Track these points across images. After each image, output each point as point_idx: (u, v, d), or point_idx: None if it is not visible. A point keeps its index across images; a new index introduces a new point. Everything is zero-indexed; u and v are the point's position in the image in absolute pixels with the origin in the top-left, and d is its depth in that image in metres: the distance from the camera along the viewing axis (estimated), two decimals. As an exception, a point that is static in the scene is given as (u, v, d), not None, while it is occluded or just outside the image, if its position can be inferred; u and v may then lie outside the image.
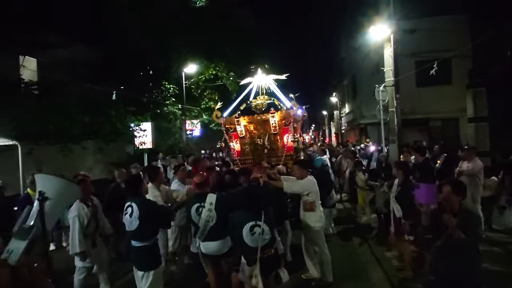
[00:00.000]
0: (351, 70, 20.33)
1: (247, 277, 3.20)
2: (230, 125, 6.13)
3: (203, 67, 14.31)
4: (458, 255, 2.82)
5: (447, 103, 14.41)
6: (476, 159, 6.19)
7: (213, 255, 3.71)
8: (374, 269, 4.94)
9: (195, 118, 15.88)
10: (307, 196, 4.29)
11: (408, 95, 13.43)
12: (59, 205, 2.68)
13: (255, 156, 5.83)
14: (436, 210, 3.02)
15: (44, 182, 2.65)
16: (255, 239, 3.13)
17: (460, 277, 2.85)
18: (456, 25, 14.14)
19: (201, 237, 3.65)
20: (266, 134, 5.85)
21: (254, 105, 5.98)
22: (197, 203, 3.67)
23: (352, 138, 20.57)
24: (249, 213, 3.23)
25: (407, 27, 13.03)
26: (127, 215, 3.33)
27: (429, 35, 13.88)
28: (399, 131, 10.08)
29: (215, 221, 3.55)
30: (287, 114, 5.90)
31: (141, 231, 3.31)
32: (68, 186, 2.75)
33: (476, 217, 3.27)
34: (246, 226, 3.15)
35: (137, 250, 3.38)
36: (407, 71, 12.85)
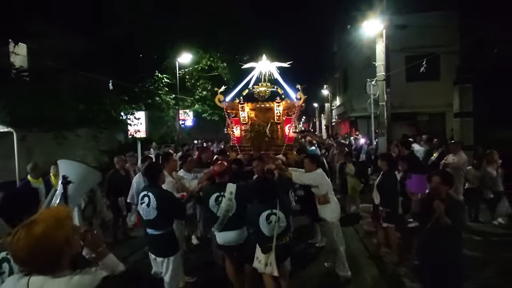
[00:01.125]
0: (343, 64, 20.54)
1: (262, 265, 3.29)
2: (231, 110, 5.97)
3: (198, 57, 14.28)
4: (444, 240, 3.03)
5: (435, 98, 14.81)
6: (461, 153, 6.57)
7: (230, 246, 3.71)
8: (362, 255, 5.24)
9: (188, 108, 15.89)
10: (317, 188, 4.33)
11: (398, 89, 13.73)
12: (80, 189, 2.87)
13: (255, 144, 5.75)
14: (425, 198, 3.25)
15: (67, 167, 2.87)
16: (271, 228, 3.22)
17: (444, 261, 3.08)
18: (446, 21, 14.44)
19: (219, 227, 3.63)
20: (268, 122, 5.73)
21: (257, 92, 5.81)
22: (216, 192, 3.64)
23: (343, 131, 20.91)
24: (264, 202, 3.32)
25: (398, 22, 13.25)
26: (144, 205, 3.39)
27: (420, 30, 14.15)
28: (389, 125, 10.40)
29: (234, 211, 3.56)
30: (291, 104, 5.80)
31: (159, 221, 3.37)
32: (89, 171, 2.94)
33: (462, 205, 3.51)
34: (262, 215, 3.23)
35: (154, 238, 3.44)
36: (397, 66, 13.15)
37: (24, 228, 1.36)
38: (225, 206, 3.53)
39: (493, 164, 6.20)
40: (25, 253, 1.34)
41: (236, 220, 3.59)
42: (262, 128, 5.67)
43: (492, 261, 4.80)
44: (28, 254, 1.34)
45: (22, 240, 1.33)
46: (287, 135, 5.81)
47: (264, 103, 5.76)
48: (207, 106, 15.89)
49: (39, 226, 1.36)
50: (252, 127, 5.77)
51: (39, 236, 1.34)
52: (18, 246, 1.34)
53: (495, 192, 6.26)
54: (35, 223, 1.37)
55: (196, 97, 15.46)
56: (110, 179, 6.10)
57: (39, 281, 1.37)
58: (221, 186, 3.67)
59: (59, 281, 1.37)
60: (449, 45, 13.24)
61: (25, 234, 1.34)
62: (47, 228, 1.36)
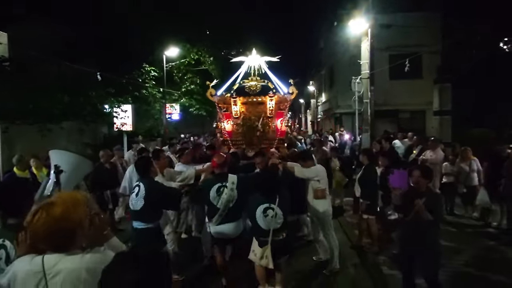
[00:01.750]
0: (329, 61, 20.82)
1: (257, 258, 3.34)
2: (223, 105, 5.95)
3: (186, 51, 14.20)
4: (422, 232, 3.26)
5: (416, 96, 15.29)
6: (439, 150, 6.93)
7: (225, 239, 3.66)
8: (345, 246, 5.47)
9: (175, 102, 15.81)
10: (318, 182, 4.35)
11: (382, 87, 14.11)
12: (73, 178, 2.96)
13: (246, 138, 5.77)
14: (406, 192, 3.45)
15: (59, 157, 2.93)
16: (267, 222, 3.26)
17: (422, 249, 3.32)
18: (429, 21, 14.88)
19: (219, 218, 3.57)
20: (259, 116, 5.74)
21: (248, 86, 5.79)
22: (218, 183, 3.61)
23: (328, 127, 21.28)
24: (264, 195, 3.35)
25: (383, 21, 13.59)
26: (134, 194, 3.36)
27: (403, 30, 14.53)
28: (372, 122, 10.73)
29: (235, 202, 3.55)
30: (283, 98, 5.83)
31: (145, 212, 3.29)
32: (80, 160, 3.06)
33: (440, 198, 3.75)
34: (260, 208, 3.28)
35: (140, 232, 3.32)
36: (381, 64, 13.52)
37: (44, 209, 1.48)
38: (227, 197, 3.52)
39: (466, 160, 6.47)
40: (44, 232, 1.45)
41: (233, 212, 3.59)
42: (254, 122, 5.68)
43: (466, 250, 5.14)
44: (48, 232, 1.45)
45: (42, 220, 1.45)
46: (279, 129, 5.84)
47: (256, 97, 5.77)
48: (194, 100, 15.85)
49: (59, 207, 1.47)
50: (243, 121, 5.78)
51: (58, 217, 1.45)
52: (38, 225, 1.45)
53: (468, 187, 6.56)
54: (55, 204, 1.49)
55: (183, 91, 15.38)
56: (95, 173, 5.96)
57: (54, 258, 1.49)
58: (222, 177, 3.65)
59: (73, 258, 1.49)
60: (431, 45, 13.71)
61: (46, 215, 1.45)
62: (66, 210, 1.48)
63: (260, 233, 3.34)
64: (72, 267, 1.47)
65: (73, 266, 1.47)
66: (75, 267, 1.47)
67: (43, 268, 1.47)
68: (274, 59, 6.14)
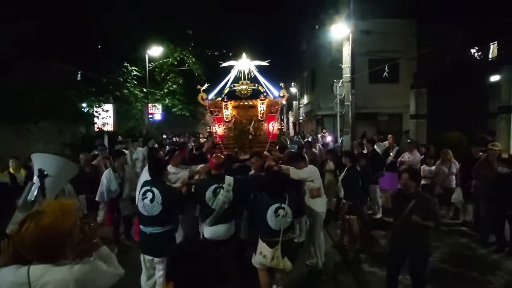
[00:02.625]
0: (311, 63, 21.17)
1: (267, 259, 3.33)
2: (214, 109, 5.92)
3: (169, 51, 14.07)
4: (413, 231, 3.41)
5: (394, 100, 15.85)
6: (416, 152, 7.24)
7: (218, 240, 3.61)
8: (327, 244, 5.63)
9: (157, 102, 15.61)
10: (312, 182, 4.45)
11: (362, 90, 14.49)
12: (58, 182, 2.86)
13: (238, 141, 5.81)
14: (396, 194, 3.62)
15: (42, 160, 2.81)
16: (278, 221, 3.30)
17: (412, 249, 3.48)
18: (405, 28, 15.50)
19: (213, 219, 3.58)
20: (251, 120, 5.76)
21: (239, 90, 5.81)
22: (215, 184, 3.61)
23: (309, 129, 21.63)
24: (274, 195, 3.39)
25: (363, 27, 14.01)
26: (147, 200, 3.28)
27: (383, 36, 15.04)
28: (353, 124, 11.04)
29: (229, 204, 3.57)
30: (274, 102, 5.89)
31: (162, 217, 3.28)
32: (65, 163, 2.96)
33: (432, 200, 3.81)
34: (271, 208, 3.30)
35: (154, 237, 3.31)
36: (362, 68, 13.93)
37: (33, 218, 1.43)
38: (222, 198, 3.54)
39: (446, 162, 6.73)
40: (32, 242, 1.41)
41: (227, 214, 3.62)
42: (245, 126, 5.71)
43: (440, 246, 5.42)
44: (36, 242, 1.41)
45: (31, 230, 1.40)
46: (271, 132, 5.89)
47: (248, 100, 5.80)
48: (177, 100, 15.71)
49: (48, 217, 1.43)
50: (235, 124, 5.80)
51: (46, 226, 1.41)
52: (26, 234, 1.40)
53: (445, 188, 6.78)
54: (44, 214, 1.45)
55: (166, 91, 15.22)
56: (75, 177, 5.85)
57: (41, 269, 1.44)
58: (218, 178, 3.67)
59: (61, 269, 1.45)
60: (408, 51, 14.28)
61: (34, 224, 1.41)
62: (55, 219, 1.43)
63: (270, 234, 3.36)
64: (60, 278, 1.43)
65: (61, 277, 1.44)
66: (63, 278, 1.44)
67: (28, 279, 1.42)
68: (264, 63, 6.19)
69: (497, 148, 5.91)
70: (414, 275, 3.60)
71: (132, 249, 5.16)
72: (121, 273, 1.81)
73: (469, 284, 4.38)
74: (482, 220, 5.89)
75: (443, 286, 4.31)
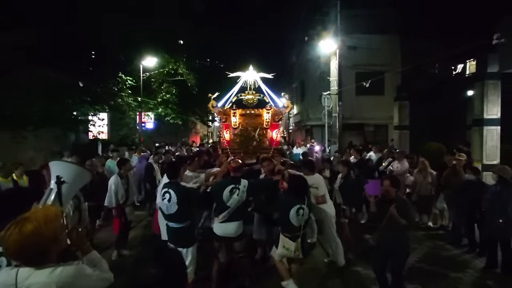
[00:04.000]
0: (301, 75, 21.82)
1: (291, 252, 3.83)
2: (223, 116, 6.34)
3: (164, 61, 14.46)
4: (395, 231, 3.83)
5: (379, 111, 16.50)
6: (404, 161, 7.70)
7: (228, 237, 4.08)
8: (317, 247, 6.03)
9: (151, 111, 15.90)
10: (317, 189, 4.75)
11: (349, 102, 15.16)
12: (73, 188, 3.03)
13: (243, 147, 6.18)
14: (379, 200, 4.04)
15: (59, 168, 3.11)
16: (299, 219, 3.80)
17: (395, 246, 3.89)
18: (390, 43, 16.30)
19: (226, 216, 4.01)
20: (256, 127, 6.20)
21: (245, 99, 6.28)
22: (232, 184, 4.07)
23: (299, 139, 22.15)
24: (296, 197, 3.89)
25: (350, 43, 14.72)
26: (165, 200, 3.73)
27: (368, 51, 15.79)
28: (340, 134, 11.60)
29: (242, 203, 4.05)
30: (279, 111, 6.42)
31: (179, 214, 3.74)
32: (80, 171, 3.13)
33: (409, 203, 4.20)
34: (294, 208, 3.79)
35: (175, 231, 3.82)
36: (349, 80, 14.62)
37: (17, 225, 1.47)
38: (238, 197, 4.00)
39: (423, 171, 7.14)
40: (16, 248, 1.46)
41: (238, 213, 4.08)
42: (251, 133, 6.13)
43: (419, 248, 5.89)
44: (19, 248, 1.46)
45: (14, 236, 1.45)
46: (274, 139, 6.31)
47: (254, 109, 6.25)
48: (169, 109, 16.02)
49: (31, 224, 1.47)
50: (241, 131, 6.20)
51: (29, 233, 1.45)
52: (10, 240, 1.45)
53: (423, 196, 7.09)
54: (28, 220, 1.49)
55: (159, 100, 15.53)
56: None
57: (26, 272, 1.51)
58: (235, 180, 4.13)
59: (42, 272, 1.51)
60: (392, 65, 15.06)
61: (18, 231, 1.45)
62: (38, 226, 1.47)
63: (292, 230, 3.84)
64: (42, 281, 1.48)
65: (43, 280, 1.48)
66: (45, 281, 1.48)
67: (15, 281, 1.49)
68: (268, 75, 6.72)
69: (463, 158, 6.46)
70: (393, 272, 4.03)
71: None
72: (110, 277, 1.81)
73: (442, 280, 4.84)
74: (454, 224, 6.39)
75: (420, 283, 4.73)
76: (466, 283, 4.76)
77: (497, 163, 8.44)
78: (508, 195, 4.75)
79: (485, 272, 5.01)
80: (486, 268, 5.08)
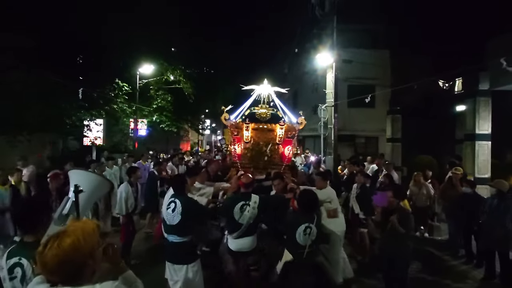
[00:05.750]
0: (294, 86, 22.14)
1: None
2: (235, 129, 6.11)
3: (163, 68, 14.46)
4: (397, 240, 4.00)
5: (370, 123, 16.88)
6: (394, 172, 7.97)
7: (242, 252, 3.97)
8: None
9: (145, 117, 15.78)
10: (329, 203, 4.65)
11: (341, 114, 15.34)
12: (92, 198, 2.96)
13: (254, 161, 6.02)
14: (382, 210, 4.22)
15: (78, 177, 2.89)
16: (305, 238, 3.53)
17: (395, 254, 4.05)
18: (380, 58, 16.81)
19: (240, 233, 3.91)
20: (268, 142, 6.03)
21: (258, 113, 6.07)
22: (242, 201, 3.93)
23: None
24: (305, 215, 3.63)
25: (344, 56, 15.10)
26: (170, 210, 3.61)
27: (360, 64, 16.25)
28: (335, 145, 11.78)
29: (254, 219, 3.92)
30: (292, 127, 6.24)
31: (181, 227, 3.58)
32: (100, 181, 3.02)
33: (409, 214, 4.33)
34: (301, 227, 3.52)
35: (174, 245, 3.63)
36: (341, 92, 14.91)
37: (56, 239, 1.41)
38: (249, 214, 3.88)
39: (417, 183, 7.34)
40: (54, 263, 1.37)
41: (252, 228, 3.98)
42: (262, 148, 5.98)
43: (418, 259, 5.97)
44: (57, 264, 1.37)
45: (53, 250, 1.38)
46: (286, 156, 6.12)
47: (267, 124, 6.06)
48: (164, 116, 15.94)
49: (69, 238, 1.40)
50: (253, 145, 6.03)
51: (68, 247, 1.38)
52: (49, 255, 1.38)
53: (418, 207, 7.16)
54: (66, 234, 1.42)
55: (154, 107, 15.45)
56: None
57: None
58: (246, 196, 3.99)
59: None
60: (383, 78, 15.52)
61: (56, 245, 1.38)
62: (76, 240, 1.40)
63: (298, 248, 3.57)
64: None
65: None
66: None
67: None
68: (283, 90, 6.66)
69: (460, 172, 6.71)
70: (397, 280, 4.15)
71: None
72: None
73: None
74: (452, 236, 6.59)
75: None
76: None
77: (488, 177, 8.80)
78: (505, 208, 4.97)
79: (484, 283, 5.19)
80: (485, 279, 5.26)
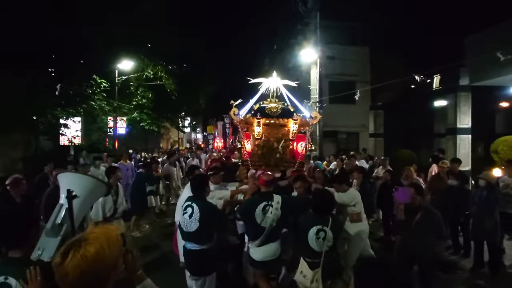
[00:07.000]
0: (275, 82, 22.11)
1: (308, 280, 3.14)
2: (245, 125, 5.64)
3: (144, 65, 13.93)
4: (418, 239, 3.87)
5: (351, 119, 17.14)
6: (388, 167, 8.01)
7: (267, 261, 3.47)
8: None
9: (125, 115, 15.18)
10: (354, 207, 4.34)
11: (323, 110, 15.60)
12: (87, 203, 2.65)
13: (265, 159, 5.53)
14: (407, 208, 4.08)
15: (71, 180, 2.57)
16: (319, 244, 3.16)
17: (418, 254, 3.94)
18: (360, 54, 17.09)
19: (263, 239, 3.44)
20: (279, 138, 5.53)
21: (268, 108, 5.53)
22: (264, 201, 3.51)
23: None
24: (317, 217, 3.30)
25: (327, 53, 15.25)
26: (186, 215, 3.30)
27: (341, 61, 16.43)
28: (320, 141, 11.87)
29: (277, 222, 3.44)
30: (305, 122, 5.74)
31: (200, 234, 3.27)
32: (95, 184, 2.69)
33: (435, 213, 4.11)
34: (313, 229, 3.19)
35: (192, 253, 3.34)
36: (323, 89, 15.07)
37: (76, 248, 1.25)
38: (272, 215, 3.43)
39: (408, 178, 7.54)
40: (76, 275, 1.22)
41: (275, 233, 3.50)
42: (273, 144, 5.51)
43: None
44: (79, 276, 1.22)
45: (76, 261, 1.22)
46: (300, 152, 5.68)
47: (279, 119, 5.53)
48: (144, 114, 15.43)
49: (93, 247, 1.25)
50: (264, 142, 5.55)
51: (91, 257, 1.24)
52: (70, 266, 1.22)
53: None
54: (87, 242, 1.27)
55: (134, 105, 14.90)
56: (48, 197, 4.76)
57: None
58: (267, 196, 3.57)
59: None
60: (363, 75, 15.80)
61: (80, 256, 1.23)
62: (101, 249, 1.26)
63: (312, 255, 3.22)
64: None
65: None
66: None
67: None
68: (292, 83, 6.03)
69: (446, 166, 6.90)
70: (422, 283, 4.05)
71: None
72: None
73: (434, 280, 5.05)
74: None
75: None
76: (459, 283, 5.05)
77: (469, 169, 9.13)
78: (494, 199, 5.14)
79: (474, 272, 5.35)
80: (474, 268, 5.42)
